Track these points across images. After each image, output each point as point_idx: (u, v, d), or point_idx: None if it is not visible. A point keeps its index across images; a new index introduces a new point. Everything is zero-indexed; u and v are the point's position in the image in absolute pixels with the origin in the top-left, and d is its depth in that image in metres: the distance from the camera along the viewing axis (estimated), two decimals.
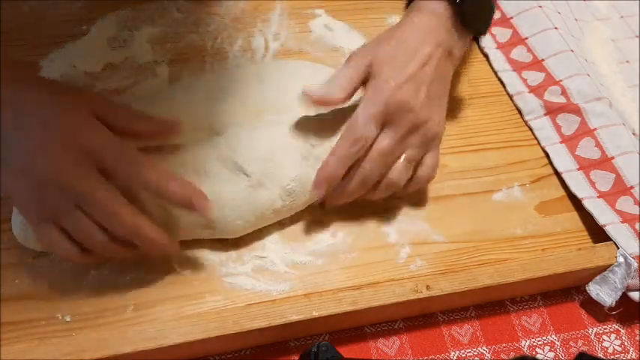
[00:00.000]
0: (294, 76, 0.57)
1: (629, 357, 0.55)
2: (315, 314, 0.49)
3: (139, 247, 0.47)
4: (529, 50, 0.68)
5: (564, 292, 0.57)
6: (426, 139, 0.54)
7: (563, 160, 0.62)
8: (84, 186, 0.44)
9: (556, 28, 0.68)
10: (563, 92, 0.64)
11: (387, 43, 0.53)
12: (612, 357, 0.54)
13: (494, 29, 0.71)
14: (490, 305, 0.55)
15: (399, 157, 0.53)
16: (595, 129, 0.62)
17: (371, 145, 0.52)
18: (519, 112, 0.66)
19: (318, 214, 0.56)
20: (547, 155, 0.63)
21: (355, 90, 0.53)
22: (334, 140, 0.53)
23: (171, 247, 0.48)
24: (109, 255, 0.48)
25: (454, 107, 0.65)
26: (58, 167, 0.44)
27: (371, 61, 0.52)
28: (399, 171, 0.53)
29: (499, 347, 0.54)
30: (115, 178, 0.45)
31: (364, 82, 0.53)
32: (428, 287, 0.51)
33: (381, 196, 0.54)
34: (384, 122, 0.52)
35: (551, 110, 0.65)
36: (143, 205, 0.48)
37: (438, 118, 0.54)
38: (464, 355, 0.53)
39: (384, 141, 0.52)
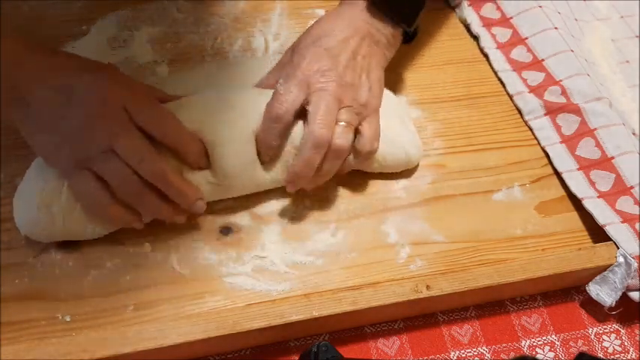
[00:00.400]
0: None
1: (629, 357, 0.55)
2: (315, 314, 0.49)
3: (167, 200, 0.49)
4: (529, 50, 0.68)
5: (564, 292, 0.57)
6: (358, 104, 0.54)
7: (563, 160, 0.62)
8: (116, 127, 0.47)
9: (556, 28, 0.68)
10: (563, 92, 0.64)
11: (306, 31, 0.58)
12: (612, 357, 0.54)
13: (494, 29, 0.71)
14: (490, 305, 0.55)
15: (335, 122, 0.52)
16: (595, 129, 0.62)
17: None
18: (519, 112, 0.66)
19: (318, 214, 0.56)
20: (547, 155, 0.63)
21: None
22: None
23: (196, 202, 0.50)
24: (139, 205, 0.49)
25: (454, 107, 0.65)
26: (94, 112, 0.47)
27: (291, 49, 0.57)
28: (338, 134, 0.52)
29: (499, 347, 0.54)
30: (145, 129, 0.48)
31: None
32: (428, 287, 0.51)
33: (334, 167, 0.53)
34: (308, 86, 0.52)
35: (551, 110, 0.65)
36: None
37: (367, 86, 0.55)
38: (464, 355, 0.53)
39: (316, 100, 0.52)
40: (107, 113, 0.47)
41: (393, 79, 0.65)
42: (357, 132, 0.54)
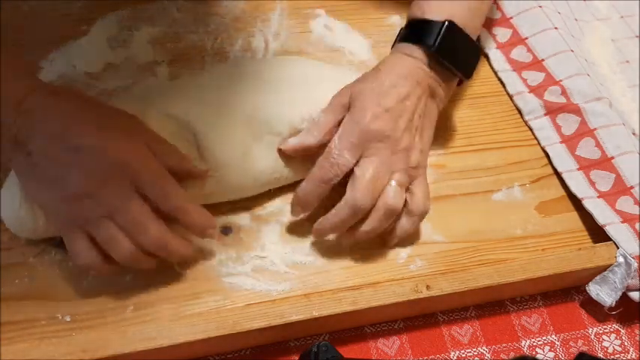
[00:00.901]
0: (293, 77, 0.57)
1: (629, 357, 0.55)
2: (315, 314, 0.49)
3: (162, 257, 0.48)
4: (529, 50, 0.68)
5: (564, 292, 0.57)
6: (409, 167, 0.52)
7: (563, 160, 0.62)
8: (118, 197, 0.45)
9: (556, 28, 0.68)
10: (563, 92, 0.64)
11: (365, 80, 0.54)
12: (612, 357, 0.54)
13: (494, 29, 0.71)
14: (490, 305, 0.55)
15: (386, 183, 0.51)
16: (595, 129, 0.62)
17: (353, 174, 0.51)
18: (519, 112, 0.66)
19: (318, 214, 0.56)
20: (547, 155, 0.63)
21: (332, 131, 0.52)
22: None
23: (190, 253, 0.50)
24: (132, 265, 0.48)
25: (454, 107, 0.65)
26: (94, 178, 0.45)
27: (349, 96, 0.53)
28: (390, 194, 0.51)
29: (499, 347, 0.54)
30: (146, 195, 0.46)
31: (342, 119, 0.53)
32: (428, 287, 0.51)
33: (382, 225, 0.52)
34: (362, 150, 0.51)
35: (551, 110, 0.65)
36: None
37: (420, 147, 0.53)
38: (464, 355, 0.53)
39: (366, 166, 0.51)
40: (110, 181, 0.45)
41: None
42: (407, 192, 0.53)
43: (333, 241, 0.55)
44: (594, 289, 0.55)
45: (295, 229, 0.55)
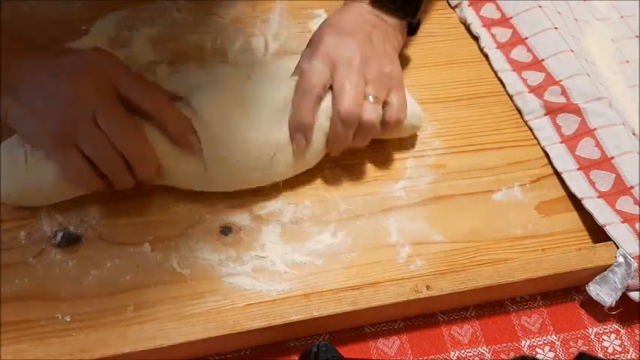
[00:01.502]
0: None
1: (629, 357, 0.55)
2: (315, 314, 0.49)
3: (134, 170, 0.50)
4: (529, 50, 0.68)
5: (564, 292, 0.57)
6: (382, 74, 0.55)
7: (563, 160, 0.62)
8: (102, 101, 0.48)
9: (556, 28, 0.68)
10: (563, 92, 0.64)
11: (320, 28, 0.58)
12: (612, 357, 0.54)
13: (494, 29, 0.71)
14: (490, 305, 0.55)
15: (365, 98, 0.54)
16: (595, 129, 0.62)
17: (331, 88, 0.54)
18: (519, 112, 0.66)
19: (318, 214, 0.56)
20: (547, 155, 0.63)
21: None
22: None
23: (154, 176, 0.52)
24: (114, 177, 0.50)
25: (454, 107, 0.65)
26: (78, 88, 0.48)
27: (310, 43, 0.57)
28: (368, 110, 0.54)
29: (499, 347, 0.54)
30: (129, 102, 0.50)
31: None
32: (428, 287, 0.51)
33: (364, 141, 0.56)
34: (333, 63, 0.54)
35: (551, 110, 0.65)
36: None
37: (388, 58, 0.57)
38: (464, 355, 0.53)
39: (340, 79, 0.53)
40: (92, 85, 0.48)
41: None
42: (384, 104, 0.55)
43: (333, 239, 0.55)
44: (594, 289, 0.55)
45: (295, 229, 0.55)
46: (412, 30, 0.64)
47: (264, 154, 0.53)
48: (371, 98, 0.54)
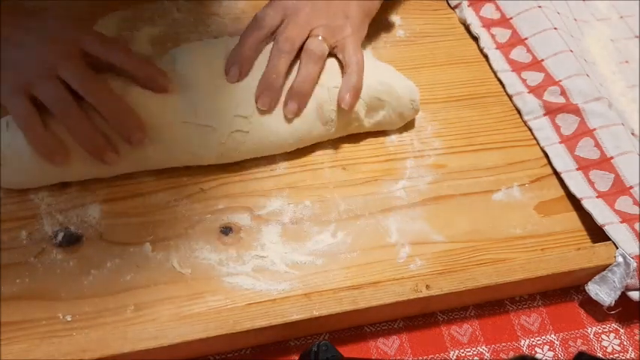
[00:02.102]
0: None
1: (628, 356, 0.55)
2: (316, 314, 0.49)
3: (111, 127, 0.50)
4: (528, 50, 0.68)
5: (563, 291, 0.57)
6: (331, 26, 0.57)
7: (563, 160, 0.62)
8: (65, 57, 0.49)
9: (555, 28, 0.68)
10: (563, 92, 0.65)
11: None
12: (611, 356, 0.54)
13: (493, 29, 0.71)
14: (489, 305, 0.55)
15: (311, 34, 0.57)
16: (594, 129, 0.62)
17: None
18: (519, 112, 0.66)
19: (318, 214, 0.57)
20: (546, 155, 0.63)
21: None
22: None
23: (135, 131, 0.51)
24: (74, 131, 0.49)
25: (454, 107, 0.65)
26: (47, 39, 0.50)
27: None
28: (309, 42, 0.57)
29: (498, 347, 0.54)
30: (95, 59, 0.51)
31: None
32: (428, 287, 0.51)
33: (311, 70, 0.56)
34: (284, 12, 0.57)
35: (551, 110, 0.65)
36: None
37: (344, 14, 0.59)
38: (463, 355, 0.53)
39: (286, 24, 0.57)
40: (58, 40, 0.50)
41: None
42: (334, 47, 0.58)
43: (333, 239, 0.55)
44: (593, 289, 0.55)
45: (295, 229, 0.55)
46: None
47: (240, 116, 0.55)
48: (316, 35, 0.57)
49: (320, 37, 0.57)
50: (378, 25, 0.70)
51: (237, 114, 0.55)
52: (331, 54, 0.59)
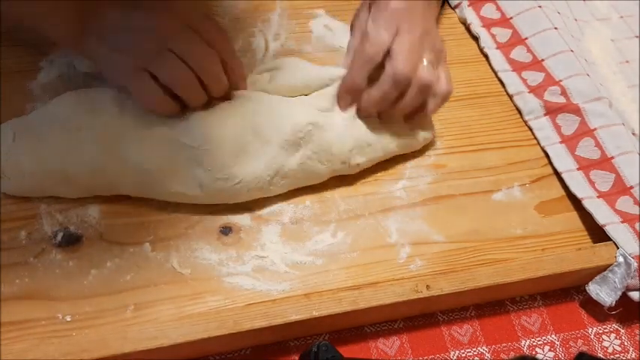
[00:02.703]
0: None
1: (628, 357, 0.55)
2: (315, 314, 0.49)
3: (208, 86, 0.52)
4: (529, 50, 0.68)
5: (564, 291, 0.57)
6: (435, 48, 0.57)
7: (563, 160, 0.62)
8: (175, 30, 0.51)
9: (556, 28, 0.68)
10: (563, 92, 0.64)
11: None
12: (612, 357, 0.54)
13: (494, 29, 0.71)
14: (490, 305, 0.55)
15: (420, 59, 0.55)
16: (595, 129, 0.62)
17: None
18: (519, 112, 0.66)
19: (318, 214, 0.56)
20: (547, 155, 0.63)
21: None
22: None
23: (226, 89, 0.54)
24: (188, 97, 0.52)
25: (454, 107, 0.65)
26: (154, 22, 0.51)
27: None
28: (425, 71, 0.55)
29: (499, 347, 0.54)
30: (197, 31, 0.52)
31: None
32: (428, 287, 0.51)
33: (415, 102, 0.56)
34: (396, 28, 0.55)
35: (551, 110, 0.65)
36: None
37: (438, 34, 0.59)
38: (464, 355, 0.53)
39: (402, 41, 0.54)
40: (165, 19, 0.51)
41: None
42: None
43: (333, 239, 0.55)
44: (594, 289, 0.55)
45: (295, 229, 0.55)
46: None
47: (264, 176, 0.54)
48: (425, 61, 0.55)
49: (429, 63, 0.56)
50: None
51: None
52: None
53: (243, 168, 0.53)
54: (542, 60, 0.67)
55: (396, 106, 0.56)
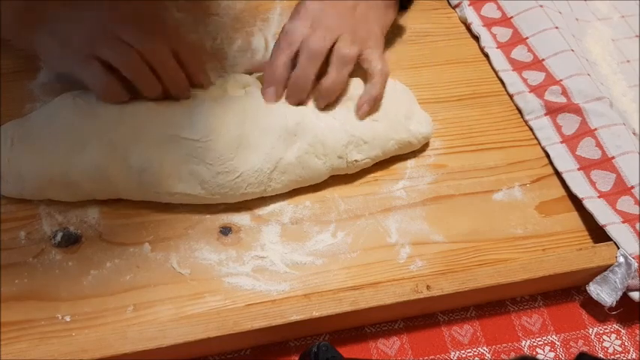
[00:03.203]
0: None
1: (629, 357, 0.55)
2: (315, 314, 0.49)
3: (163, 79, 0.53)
4: (529, 50, 0.68)
5: (565, 292, 0.57)
6: (356, 36, 0.58)
7: (564, 160, 0.62)
8: (125, 22, 0.53)
9: (557, 27, 0.68)
10: (564, 92, 0.64)
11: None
12: (612, 357, 0.54)
13: (494, 29, 0.71)
14: (490, 305, 0.55)
15: (337, 38, 0.57)
16: (595, 129, 0.62)
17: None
18: (520, 111, 0.66)
19: (318, 214, 0.56)
20: (547, 155, 0.63)
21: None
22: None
23: (184, 91, 0.55)
24: (139, 82, 0.52)
25: (454, 107, 0.65)
26: (102, 14, 0.53)
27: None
28: (340, 45, 0.57)
29: (499, 347, 0.53)
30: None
31: None
32: (428, 287, 0.51)
33: (340, 74, 0.57)
34: (311, 22, 0.58)
35: (552, 110, 0.65)
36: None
37: (365, 27, 0.59)
38: (464, 356, 0.53)
39: (314, 29, 0.57)
40: (117, 14, 0.53)
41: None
42: (361, 59, 0.58)
43: (333, 240, 0.55)
44: (595, 289, 0.55)
45: (295, 229, 0.55)
46: (404, 4, 0.66)
47: (264, 169, 0.54)
48: (341, 37, 0.57)
49: (346, 40, 0.57)
50: None
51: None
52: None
53: (243, 160, 0.53)
54: (543, 60, 0.67)
55: (323, 84, 0.56)
